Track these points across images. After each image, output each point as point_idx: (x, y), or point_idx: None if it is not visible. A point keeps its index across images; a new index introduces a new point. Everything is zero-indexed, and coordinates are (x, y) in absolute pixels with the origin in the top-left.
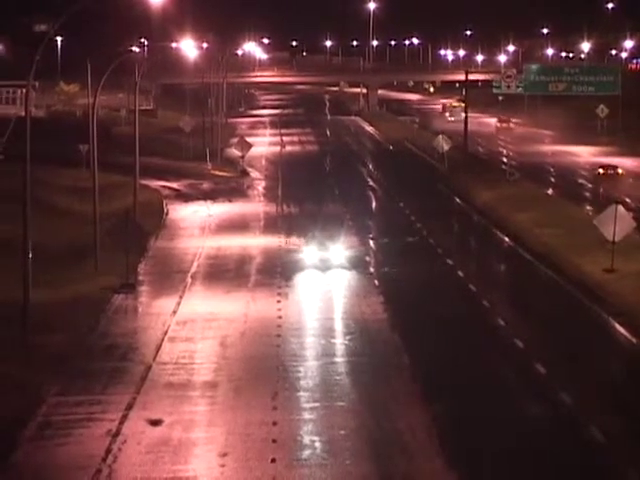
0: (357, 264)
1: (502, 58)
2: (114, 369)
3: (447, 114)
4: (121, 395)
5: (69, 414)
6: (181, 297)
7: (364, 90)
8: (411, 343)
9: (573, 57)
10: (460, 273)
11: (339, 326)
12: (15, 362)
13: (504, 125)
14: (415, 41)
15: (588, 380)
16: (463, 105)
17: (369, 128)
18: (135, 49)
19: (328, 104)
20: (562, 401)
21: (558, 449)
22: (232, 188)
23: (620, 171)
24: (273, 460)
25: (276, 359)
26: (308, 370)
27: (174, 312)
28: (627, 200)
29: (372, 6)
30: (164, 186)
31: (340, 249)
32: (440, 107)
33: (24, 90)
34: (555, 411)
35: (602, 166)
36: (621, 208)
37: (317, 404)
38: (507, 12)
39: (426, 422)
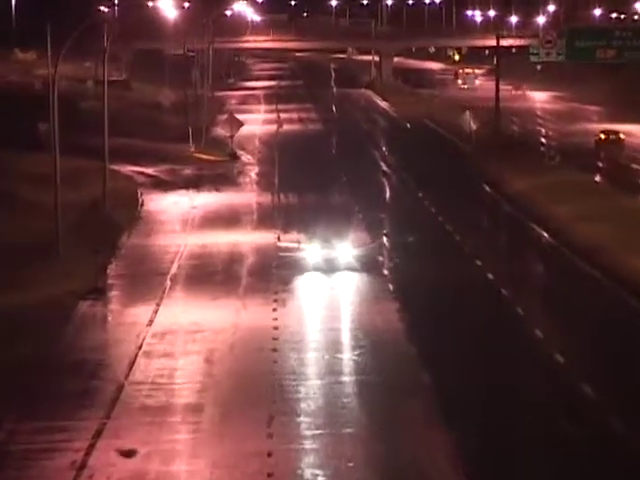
0: (367, 265)
1: (540, 20)
2: (80, 390)
3: (459, 81)
4: (88, 420)
5: (27, 443)
6: (159, 304)
7: (376, 58)
8: (431, 359)
9: (625, 18)
10: (490, 275)
11: (346, 339)
12: None
13: (518, 92)
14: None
15: None
16: (477, 71)
17: (382, 103)
18: (104, 9)
19: (334, 75)
20: (611, 429)
21: None
22: (220, 174)
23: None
24: None
25: (272, 377)
26: (310, 391)
27: (150, 322)
28: None
29: None
30: (139, 172)
31: (347, 247)
32: (452, 74)
33: None
34: (610, 448)
35: (603, 131)
36: None
37: (320, 431)
38: None
39: (448, 452)
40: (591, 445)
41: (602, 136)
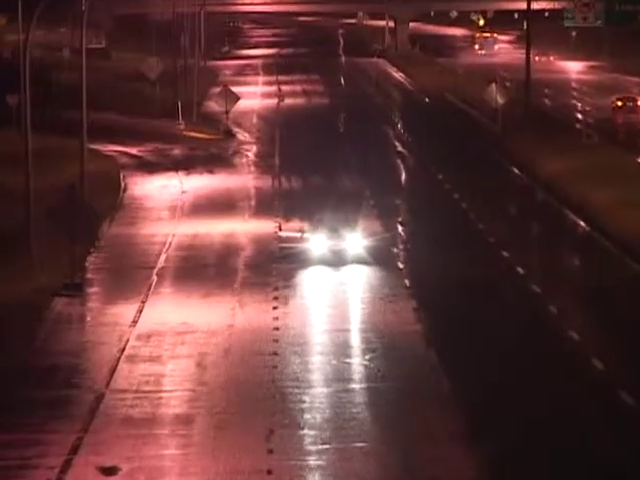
0: (381, 258)
1: None
2: (55, 399)
3: (476, 46)
4: (64, 434)
5: None
6: (144, 302)
7: (390, 24)
8: (452, 364)
9: None
10: (519, 269)
11: (356, 341)
12: None
13: (542, 59)
14: None
15: None
16: (496, 35)
17: (397, 74)
18: None
19: (342, 42)
20: None
21: None
22: (213, 155)
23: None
24: None
25: (272, 385)
26: (315, 400)
27: (134, 322)
28: None
29: None
30: (121, 152)
31: (357, 238)
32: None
33: None
34: None
35: (620, 98)
36: None
37: (327, 446)
38: None
39: (471, 470)
40: None
41: (619, 103)
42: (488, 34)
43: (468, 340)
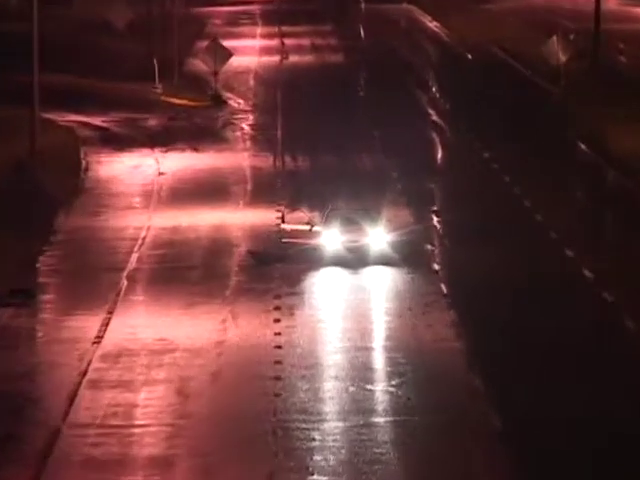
0: (410, 257)
1: None
2: None
3: None
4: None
5: None
6: (111, 313)
7: None
8: (501, 392)
9: None
10: (587, 273)
11: (379, 362)
12: None
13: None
14: None
15: None
16: None
17: (431, 24)
18: None
19: None
20: None
21: None
22: (198, 127)
23: None
24: None
25: (273, 418)
26: (327, 437)
27: (99, 338)
28: None
29: None
30: (83, 123)
31: (381, 232)
32: None
33: None
34: None
35: None
36: None
37: None
38: None
39: None
40: None
41: None
42: None
43: (521, 362)
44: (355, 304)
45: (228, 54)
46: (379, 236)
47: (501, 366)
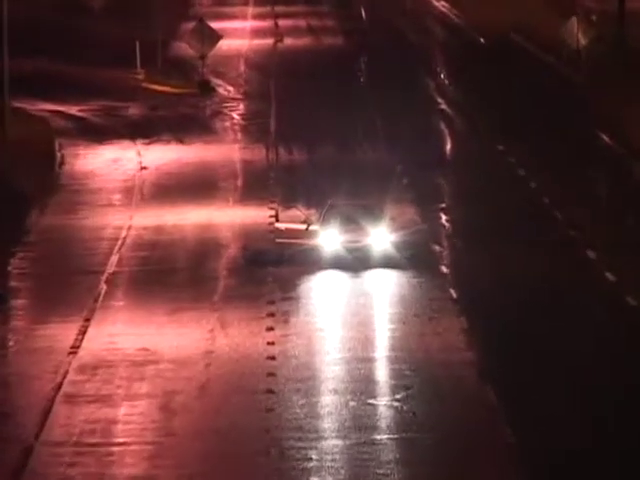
0: (417, 258)
1: None
2: None
3: None
4: None
5: None
6: (88, 320)
7: None
8: (517, 407)
9: None
10: (609, 275)
11: (382, 374)
12: None
13: None
14: None
15: None
16: None
17: (439, 3)
18: None
19: None
20: None
21: None
22: (184, 117)
23: None
24: None
25: (266, 436)
26: (325, 457)
27: (75, 348)
28: None
29: None
30: (57, 112)
31: (384, 231)
32: None
33: None
34: None
35: None
36: None
37: None
38: None
39: None
40: None
41: None
42: None
43: (538, 374)
44: (356, 310)
45: (216, 37)
46: (382, 236)
47: (517, 379)
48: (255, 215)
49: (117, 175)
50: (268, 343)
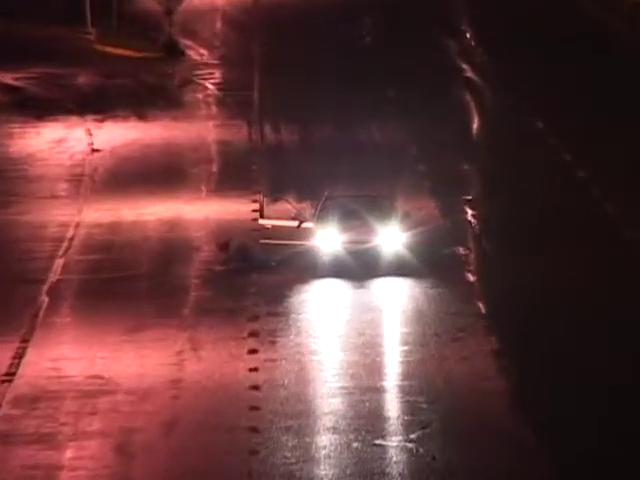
0: (436, 264)
1: None
2: None
3: None
4: None
5: None
6: (26, 340)
7: None
8: (561, 449)
9: None
10: None
11: (393, 408)
12: None
13: None
14: None
15: None
16: None
17: None
18: None
19: None
20: None
21: None
22: (146, 86)
23: None
24: None
25: None
26: None
27: (10, 375)
28: None
29: None
30: None
31: (395, 230)
32: None
33: None
34: None
35: None
36: None
37: None
38: None
39: None
40: None
41: None
42: None
43: (582, 408)
44: (360, 329)
45: None
46: (393, 235)
47: (558, 412)
48: (235, 210)
49: (62, 160)
50: (250, 369)
